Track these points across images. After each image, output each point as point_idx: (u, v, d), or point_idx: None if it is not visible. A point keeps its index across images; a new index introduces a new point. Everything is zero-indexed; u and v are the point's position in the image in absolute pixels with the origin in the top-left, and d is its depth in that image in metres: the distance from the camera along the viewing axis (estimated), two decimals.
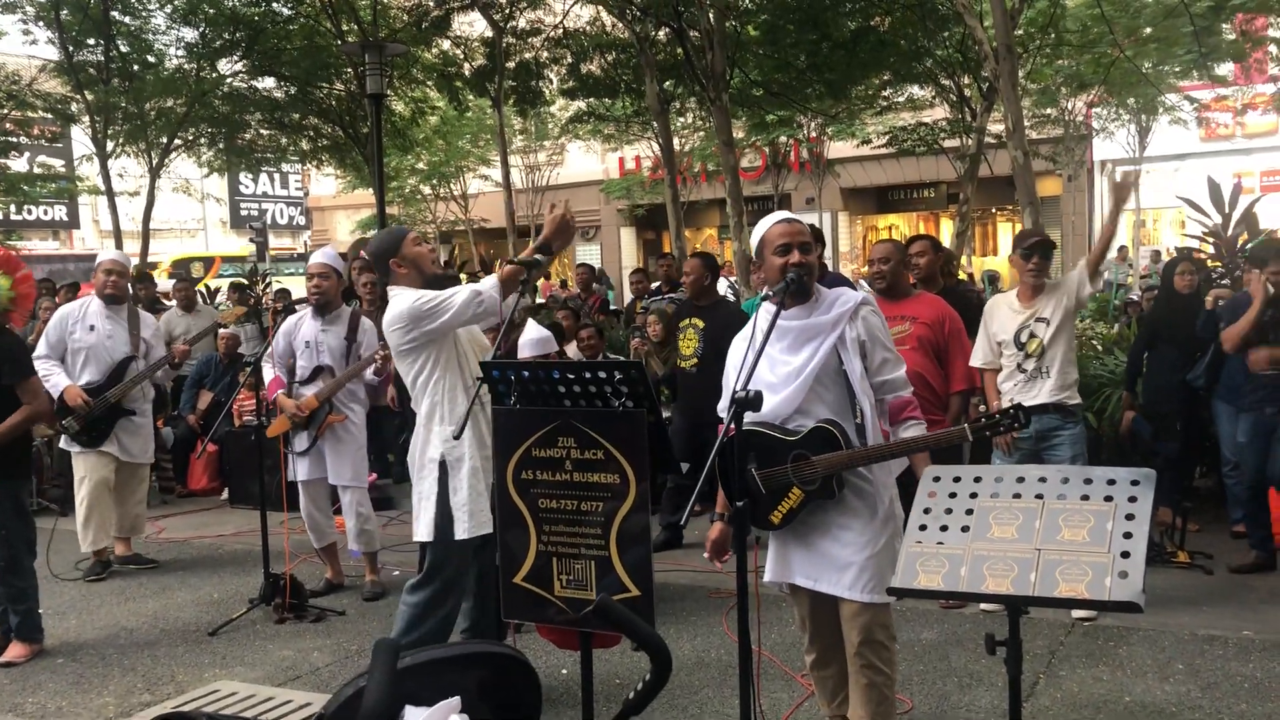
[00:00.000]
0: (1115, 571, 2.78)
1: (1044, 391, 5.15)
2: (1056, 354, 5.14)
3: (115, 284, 6.44)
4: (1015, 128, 8.87)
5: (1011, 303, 5.33)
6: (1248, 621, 5.02)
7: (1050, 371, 5.14)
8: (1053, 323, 5.14)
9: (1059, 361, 5.14)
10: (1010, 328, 5.24)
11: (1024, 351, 5.19)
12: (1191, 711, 4.05)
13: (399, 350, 4.07)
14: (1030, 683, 4.32)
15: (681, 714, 4.16)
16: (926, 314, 5.42)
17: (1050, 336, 5.14)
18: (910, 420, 3.41)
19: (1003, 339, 5.25)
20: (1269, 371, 5.48)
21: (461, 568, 4.10)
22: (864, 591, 3.39)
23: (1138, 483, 2.97)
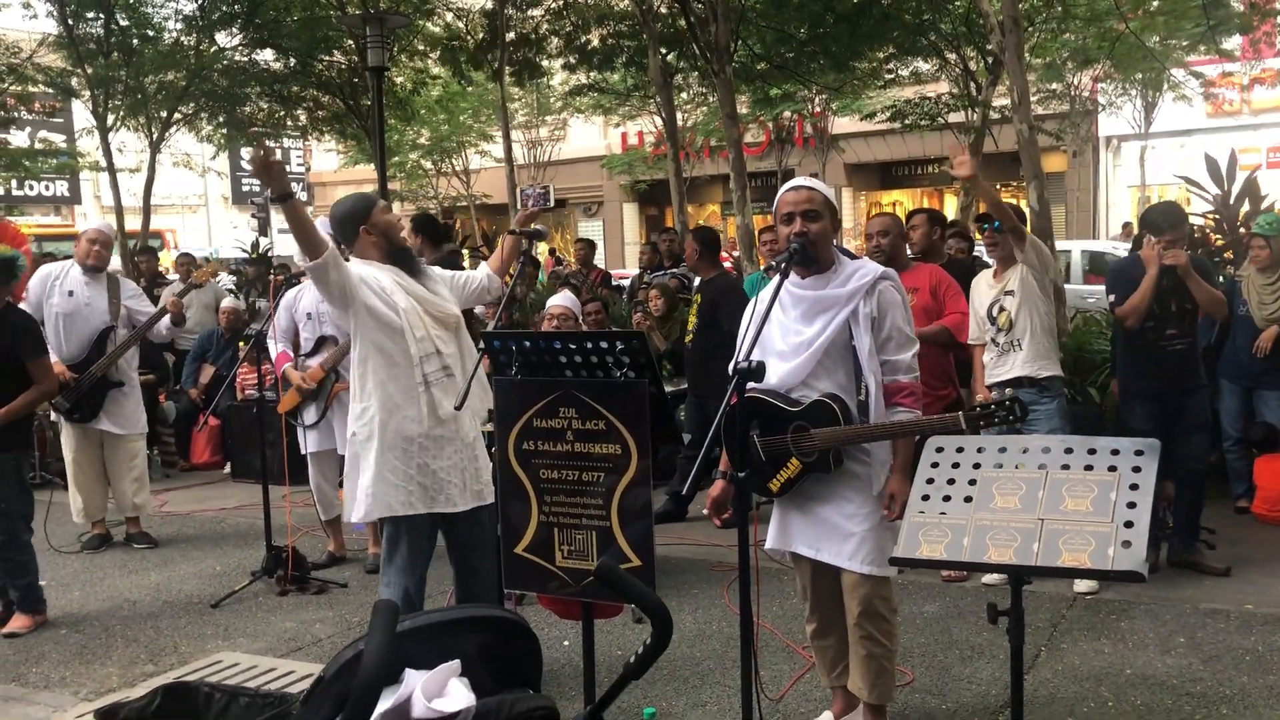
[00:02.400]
0: (1118, 541, 2.77)
1: (1016, 365, 5.12)
2: (1025, 326, 5.10)
3: (98, 254, 6.36)
4: (1020, 101, 8.79)
5: (988, 278, 5.31)
6: (1249, 595, 5.02)
7: (1021, 344, 5.11)
8: (1017, 294, 5.11)
9: (1029, 334, 5.11)
10: (986, 301, 5.23)
11: (996, 325, 5.17)
12: (1193, 684, 4.05)
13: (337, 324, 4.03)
14: (1032, 655, 4.32)
15: (683, 685, 4.17)
16: (926, 283, 5.43)
17: (1016, 309, 5.10)
18: (901, 408, 3.39)
19: (982, 315, 5.24)
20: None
21: (415, 544, 3.98)
22: (864, 563, 3.39)
23: (1142, 453, 2.96)
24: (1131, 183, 19.50)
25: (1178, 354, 5.23)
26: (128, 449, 6.52)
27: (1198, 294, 5.14)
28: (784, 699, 3.99)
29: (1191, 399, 5.27)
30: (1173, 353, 5.23)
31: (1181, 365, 5.25)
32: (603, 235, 26.41)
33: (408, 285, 4.00)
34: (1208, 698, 3.93)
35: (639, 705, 3.92)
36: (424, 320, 3.95)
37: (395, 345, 3.88)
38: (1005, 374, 5.13)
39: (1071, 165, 20.74)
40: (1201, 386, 5.37)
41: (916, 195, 25.55)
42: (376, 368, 3.91)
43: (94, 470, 6.48)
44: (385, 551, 4.04)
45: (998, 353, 5.19)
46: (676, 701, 4.01)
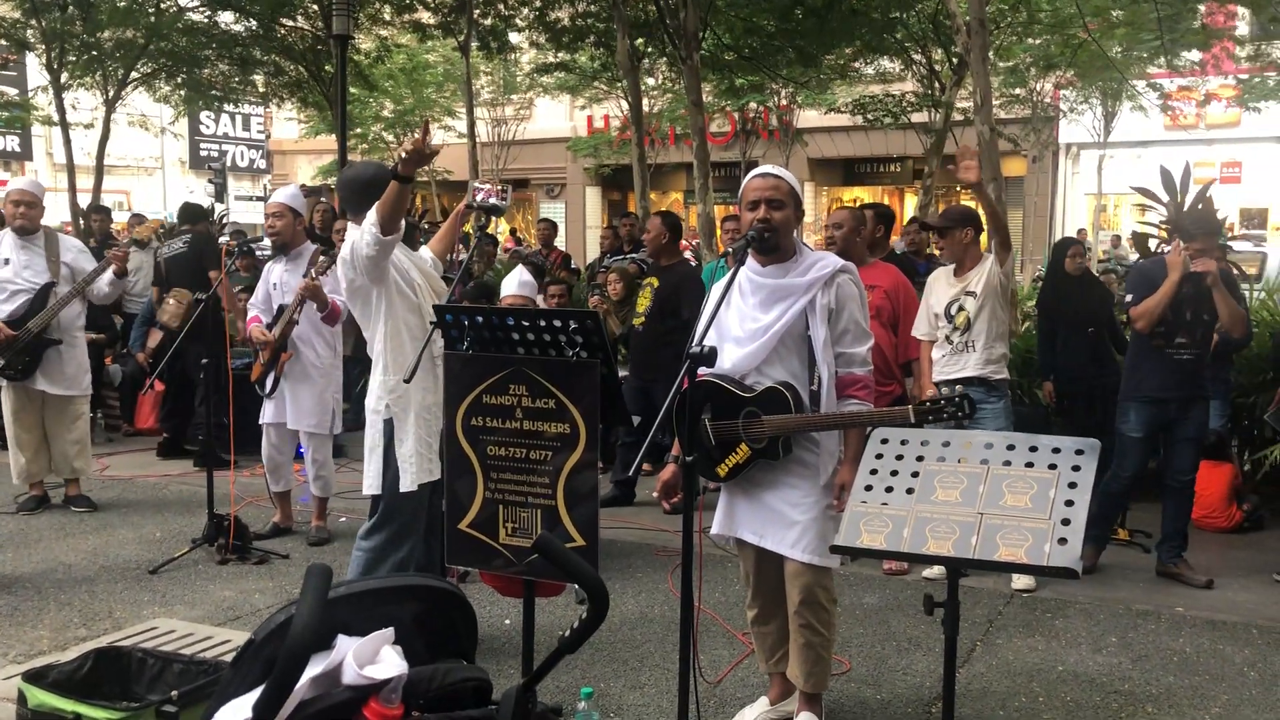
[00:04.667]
0: (1055, 538, 2.81)
1: (970, 364, 5.18)
2: (982, 328, 5.17)
3: (25, 215, 6.15)
4: (983, 103, 8.87)
5: (948, 276, 5.36)
6: (1180, 598, 5.12)
7: (976, 345, 5.17)
8: (978, 296, 5.17)
9: (984, 335, 5.17)
10: (944, 300, 5.28)
11: (953, 324, 5.22)
12: (1121, 682, 4.13)
13: (348, 290, 4.02)
14: (967, 649, 4.38)
15: (622, 667, 4.18)
16: (885, 282, 5.47)
17: (976, 310, 5.16)
18: (853, 399, 3.42)
19: (937, 311, 5.29)
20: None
21: (417, 513, 4.08)
22: (807, 552, 3.42)
23: (1082, 452, 3.00)
24: (1089, 190, 19.76)
25: (1184, 364, 5.20)
26: (69, 410, 6.41)
27: (1221, 307, 5.12)
28: (722, 684, 4.02)
29: (1192, 410, 5.26)
30: (1179, 362, 5.20)
31: (1187, 375, 5.23)
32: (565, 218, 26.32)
33: (414, 260, 4.12)
34: (1135, 696, 4.01)
35: (577, 686, 3.93)
36: (430, 295, 4.07)
37: (417, 320, 3.98)
38: (958, 372, 5.18)
39: (1031, 170, 20.96)
40: (1204, 398, 5.35)
41: (878, 193, 25.71)
42: (404, 342, 3.97)
43: (35, 431, 6.36)
44: (378, 522, 4.05)
45: (951, 350, 5.23)
46: (615, 683, 4.03)
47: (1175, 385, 5.20)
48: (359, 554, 4.08)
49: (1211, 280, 5.05)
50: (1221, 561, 5.60)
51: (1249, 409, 6.39)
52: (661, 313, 6.49)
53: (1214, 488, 6.22)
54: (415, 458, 3.98)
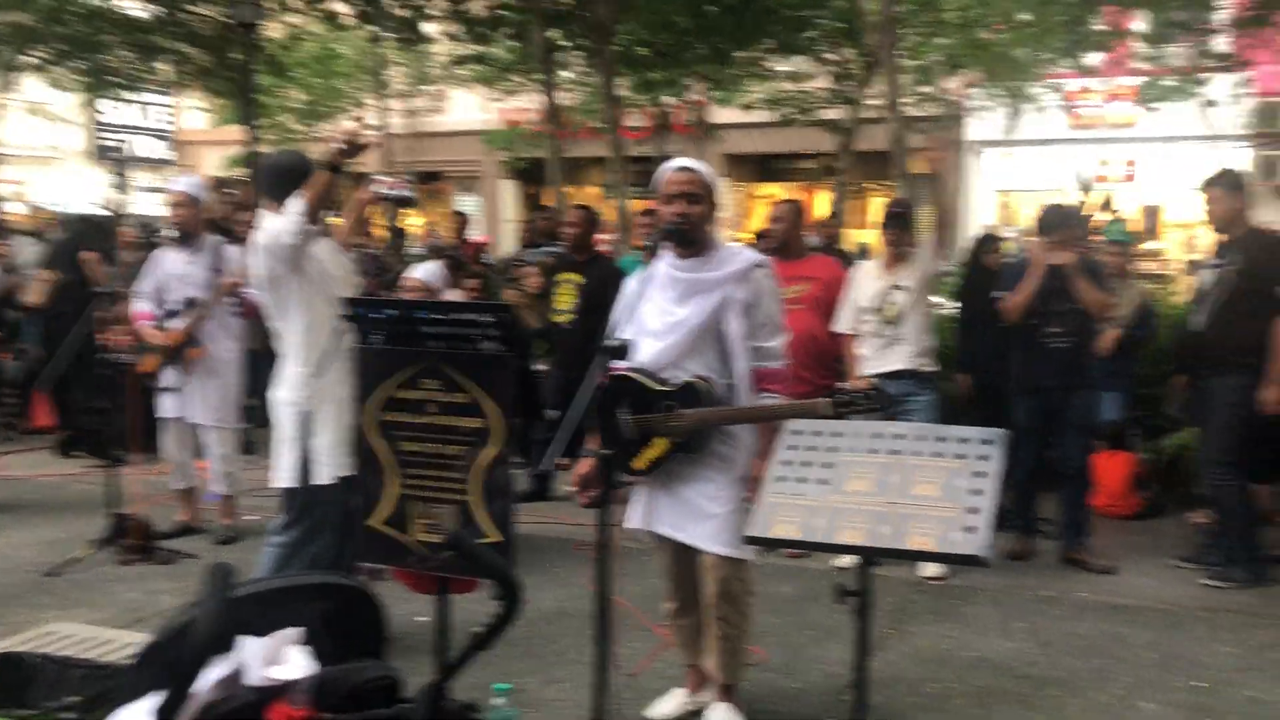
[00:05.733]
0: (963, 526, 2.86)
1: (899, 358, 5.28)
2: (912, 321, 5.27)
3: None
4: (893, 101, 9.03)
5: (876, 269, 5.44)
6: (1083, 584, 5.27)
7: (906, 338, 5.27)
8: (910, 291, 5.27)
9: (915, 329, 5.27)
10: (871, 294, 5.35)
11: (882, 317, 5.30)
12: (1028, 666, 4.24)
13: (264, 280, 3.93)
14: (879, 637, 4.44)
15: (537, 662, 4.16)
16: (823, 275, 5.56)
17: (908, 304, 5.26)
18: (769, 393, 3.44)
19: (864, 305, 5.36)
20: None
21: (332, 508, 3.99)
22: (723, 545, 3.44)
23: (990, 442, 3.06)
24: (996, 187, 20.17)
25: (1060, 352, 5.40)
26: None
27: (1082, 294, 5.32)
28: (639, 676, 4.02)
29: (1074, 397, 5.45)
30: (1054, 350, 5.40)
31: (1065, 363, 5.40)
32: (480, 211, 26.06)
33: (330, 251, 4.07)
34: (1041, 679, 4.11)
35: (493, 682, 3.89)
36: (343, 287, 4.01)
37: (331, 310, 3.86)
38: (888, 366, 5.27)
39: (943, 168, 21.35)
40: (1086, 386, 5.53)
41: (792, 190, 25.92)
42: (321, 334, 3.87)
43: None
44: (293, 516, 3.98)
45: (882, 344, 5.31)
46: (531, 679, 4.00)
47: (1054, 374, 5.39)
48: (272, 550, 4.00)
49: (1069, 269, 5.24)
50: (1122, 547, 5.77)
51: (1151, 400, 6.59)
52: (589, 308, 6.46)
53: (1115, 476, 6.41)
54: (332, 450, 3.91)
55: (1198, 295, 5.51)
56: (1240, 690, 4.01)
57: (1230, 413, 5.15)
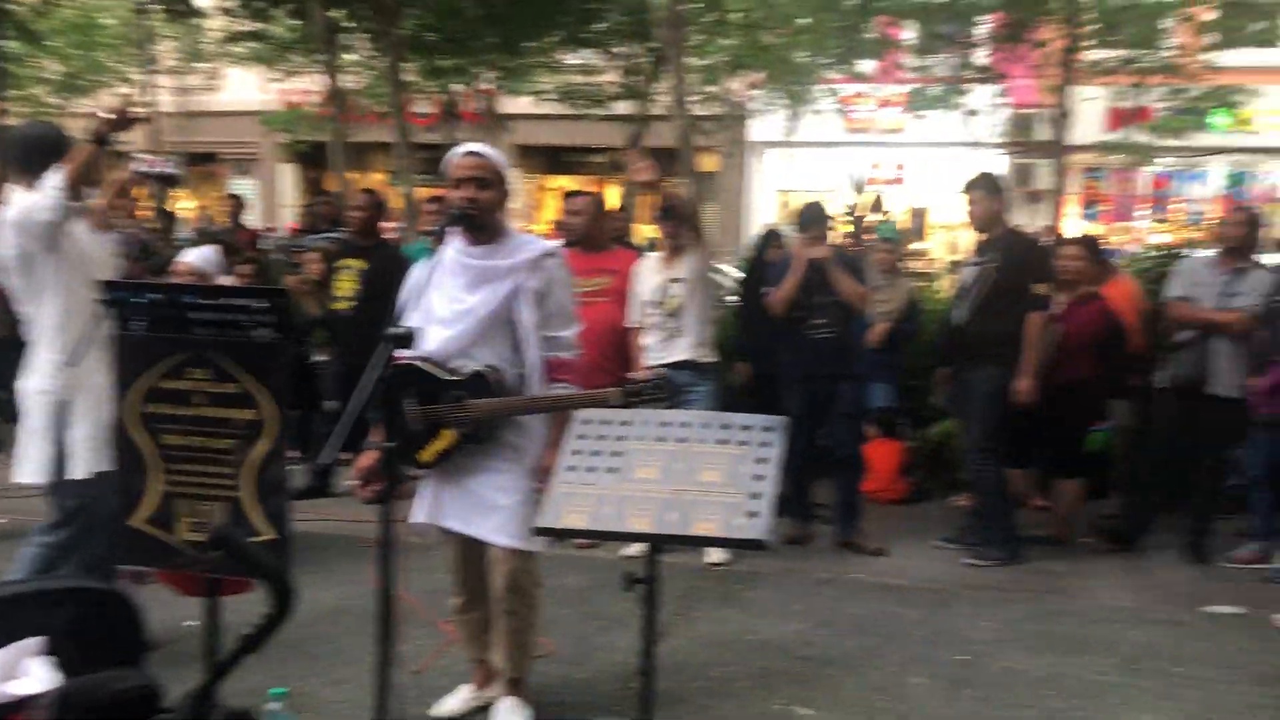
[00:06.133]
0: (746, 511, 2.92)
1: (680, 349, 5.38)
2: (692, 313, 5.38)
3: None
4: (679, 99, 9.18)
5: (656, 262, 5.52)
6: (858, 566, 5.52)
7: (686, 330, 5.38)
8: (687, 283, 5.37)
9: (694, 320, 5.39)
10: (652, 287, 5.43)
11: (663, 310, 5.39)
12: (807, 647, 4.39)
13: (16, 259, 3.60)
14: (667, 624, 4.50)
15: (315, 663, 4.01)
16: (624, 267, 5.58)
17: (686, 296, 5.36)
18: (561, 384, 3.42)
19: (646, 297, 5.43)
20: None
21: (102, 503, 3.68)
22: (511, 537, 3.39)
23: (772, 430, 3.14)
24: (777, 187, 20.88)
25: (824, 342, 5.61)
26: None
27: (839, 287, 5.55)
28: (425, 673, 3.92)
29: (841, 386, 5.67)
30: (820, 341, 5.62)
31: (829, 353, 5.62)
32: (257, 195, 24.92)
33: (88, 232, 3.79)
34: (819, 659, 4.27)
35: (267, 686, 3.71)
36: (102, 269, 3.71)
37: (88, 294, 3.55)
38: (670, 357, 5.34)
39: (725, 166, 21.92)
40: (852, 376, 5.76)
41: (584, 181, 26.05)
42: (78, 319, 3.56)
43: None
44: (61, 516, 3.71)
45: (664, 336, 5.38)
46: (311, 680, 3.85)
47: (820, 364, 5.62)
48: (36, 550, 3.68)
49: (826, 263, 5.50)
50: (893, 531, 6.07)
51: (918, 390, 6.96)
52: (372, 295, 6.26)
53: (885, 463, 6.74)
54: (88, 444, 3.63)
55: (959, 292, 5.85)
56: (998, 661, 4.28)
57: (988, 402, 5.49)
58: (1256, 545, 5.64)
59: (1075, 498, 6.03)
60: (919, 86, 14.62)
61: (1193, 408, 5.60)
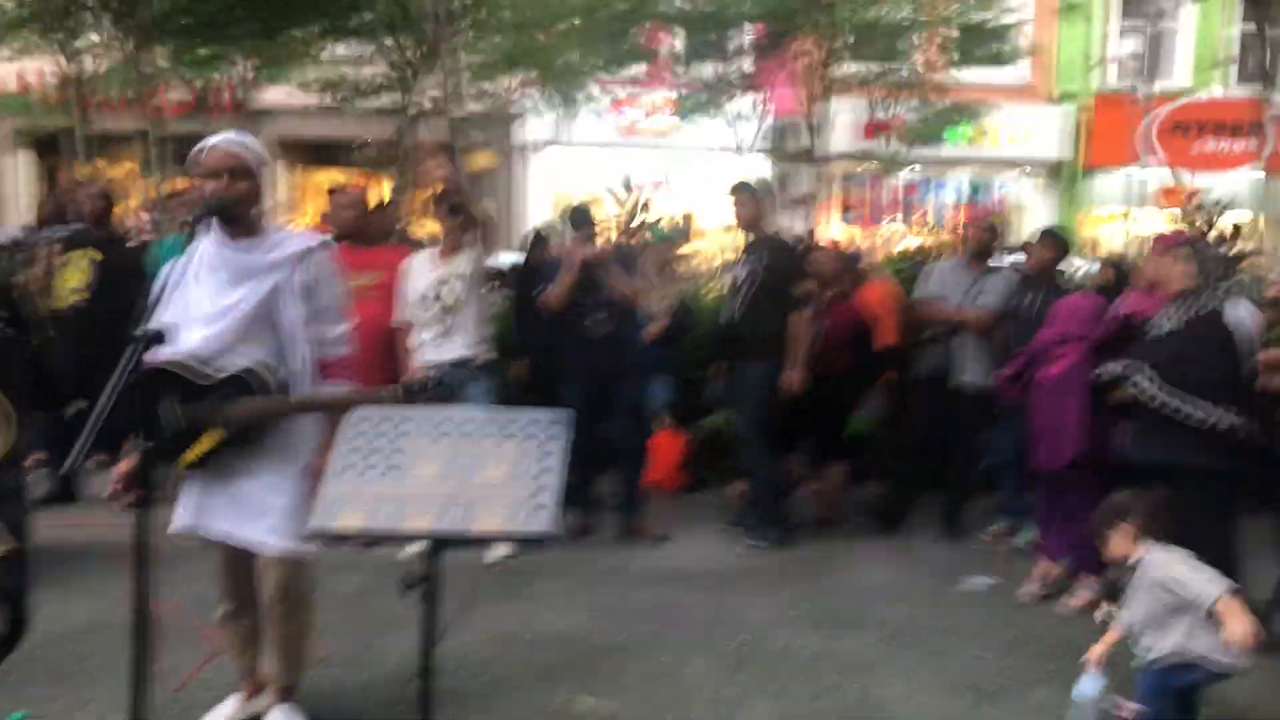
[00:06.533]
0: (531, 505, 2.89)
1: (459, 346, 5.31)
2: (470, 310, 5.32)
3: None
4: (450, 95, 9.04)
5: (431, 258, 5.43)
6: (640, 555, 5.59)
7: (465, 327, 5.31)
8: (467, 280, 5.31)
9: (472, 318, 5.33)
10: (426, 283, 5.33)
11: (440, 306, 5.30)
12: (591, 637, 4.40)
13: None
14: (447, 622, 4.39)
15: (62, 684, 3.70)
16: (397, 263, 5.43)
17: (465, 293, 5.30)
18: (333, 382, 3.29)
19: (420, 293, 5.33)
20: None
21: None
22: (281, 541, 3.23)
23: (557, 424, 3.13)
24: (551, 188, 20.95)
25: (602, 340, 5.66)
26: None
27: (613, 285, 5.60)
28: (187, 688, 3.68)
29: (620, 382, 5.75)
30: (598, 339, 5.66)
31: (606, 351, 5.67)
32: None
33: None
34: (603, 648, 4.29)
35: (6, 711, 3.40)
36: None
37: None
38: (447, 355, 5.26)
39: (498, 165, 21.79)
40: (630, 371, 5.83)
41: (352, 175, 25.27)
42: None
43: None
44: None
45: (440, 333, 5.28)
46: (56, 703, 3.55)
47: (598, 361, 5.67)
48: None
49: (599, 262, 5.58)
50: (675, 519, 6.18)
51: (695, 384, 7.12)
52: (107, 288, 5.85)
53: (666, 454, 6.85)
54: None
55: (729, 291, 6.04)
56: (774, 641, 4.43)
57: (760, 395, 5.69)
58: (1005, 521, 6.08)
59: (840, 481, 6.33)
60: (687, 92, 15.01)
61: (945, 397, 5.98)
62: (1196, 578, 3.41)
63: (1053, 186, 19.11)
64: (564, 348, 5.78)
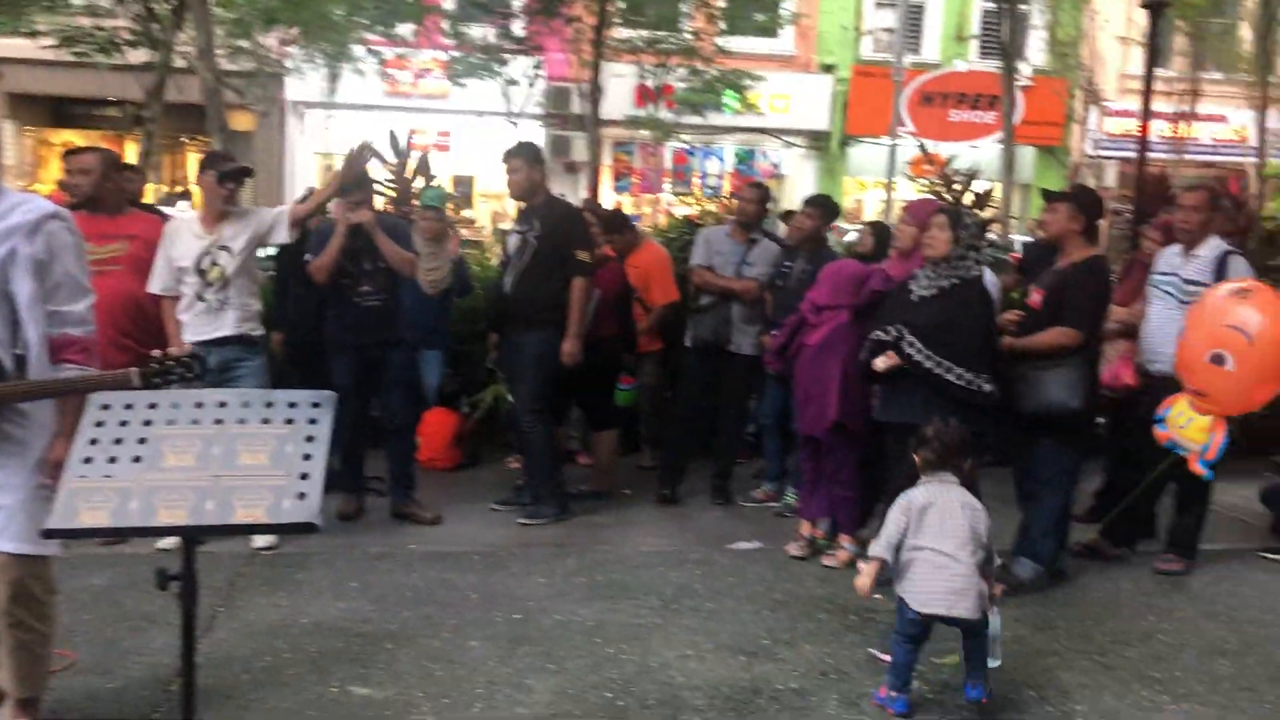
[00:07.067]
0: (294, 493, 2.77)
1: (227, 323, 5.05)
2: (241, 285, 5.06)
3: None
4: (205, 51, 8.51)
5: (194, 227, 5.11)
6: (412, 536, 5.47)
7: (233, 303, 5.05)
8: (236, 252, 5.04)
9: (243, 292, 5.07)
10: (191, 253, 5.02)
11: (204, 280, 5.01)
12: (363, 624, 4.28)
13: None
14: (208, 617, 4.19)
15: None
16: (145, 233, 5.07)
17: (235, 267, 5.03)
18: (70, 364, 3.03)
19: (184, 265, 5.02)
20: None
21: None
22: (15, 541, 2.98)
23: (319, 405, 3.00)
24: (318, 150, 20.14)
25: (372, 310, 5.49)
26: None
27: (386, 252, 5.42)
28: None
29: (390, 353, 5.57)
30: (368, 308, 5.48)
31: (379, 320, 5.50)
32: None
33: None
34: (375, 635, 4.18)
35: None
36: None
37: None
38: (217, 332, 5.02)
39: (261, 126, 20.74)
40: (401, 342, 5.65)
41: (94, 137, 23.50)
42: None
43: None
44: None
45: (205, 309, 5.01)
46: None
47: (370, 330, 5.50)
48: None
49: (369, 228, 5.40)
50: (448, 498, 6.07)
51: (468, 357, 7.02)
52: None
53: (438, 431, 6.74)
54: None
55: (505, 259, 5.95)
56: (552, 615, 4.44)
57: (537, 365, 5.65)
58: (771, 485, 6.31)
59: (612, 450, 6.40)
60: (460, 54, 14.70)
61: (715, 365, 6.12)
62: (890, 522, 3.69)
63: (816, 155, 19.91)
64: (332, 319, 5.57)
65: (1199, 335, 4.83)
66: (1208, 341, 4.76)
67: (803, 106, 19.24)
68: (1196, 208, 5.18)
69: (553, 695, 3.73)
